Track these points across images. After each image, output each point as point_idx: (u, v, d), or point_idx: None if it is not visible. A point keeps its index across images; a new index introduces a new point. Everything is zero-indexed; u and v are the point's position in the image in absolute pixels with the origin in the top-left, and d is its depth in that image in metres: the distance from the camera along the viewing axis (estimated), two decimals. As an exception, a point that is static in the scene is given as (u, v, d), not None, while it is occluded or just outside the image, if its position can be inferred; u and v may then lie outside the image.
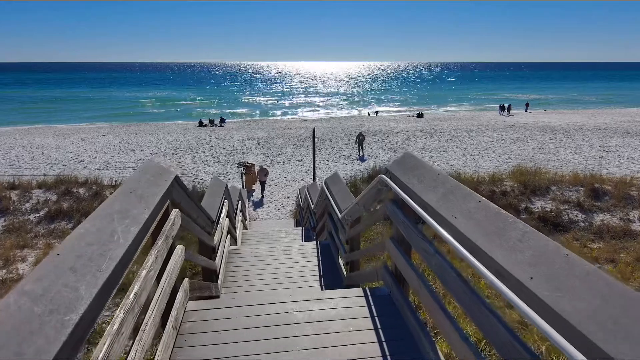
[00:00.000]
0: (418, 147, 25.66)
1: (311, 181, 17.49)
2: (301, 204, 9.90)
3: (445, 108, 59.49)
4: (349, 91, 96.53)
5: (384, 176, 2.66)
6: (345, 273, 4.27)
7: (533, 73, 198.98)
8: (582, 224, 10.06)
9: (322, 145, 26.25)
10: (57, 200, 11.59)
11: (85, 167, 20.74)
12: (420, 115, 44.91)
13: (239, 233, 7.10)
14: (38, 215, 10.83)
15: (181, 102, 68.13)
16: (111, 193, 7.95)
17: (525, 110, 49.82)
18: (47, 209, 11.00)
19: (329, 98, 78.21)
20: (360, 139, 24.03)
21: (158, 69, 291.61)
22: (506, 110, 46.36)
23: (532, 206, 10.91)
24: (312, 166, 18.01)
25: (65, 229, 10.27)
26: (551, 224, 9.96)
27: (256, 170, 17.19)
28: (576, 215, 10.34)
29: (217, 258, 4.08)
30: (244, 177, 16.09)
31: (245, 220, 9.25)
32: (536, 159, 22.26)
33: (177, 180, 2.54)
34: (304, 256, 5.09)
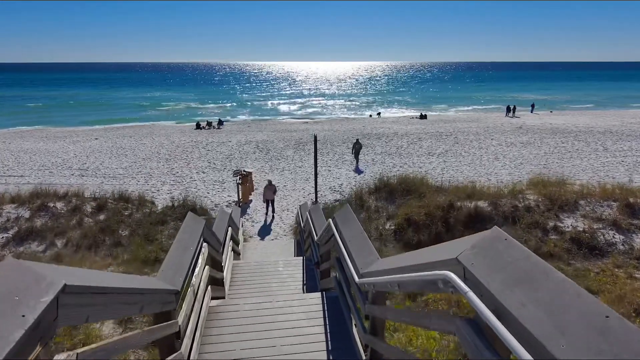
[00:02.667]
0: (424, 152, 24.46)
1: (312, 189, 16.27)
2: (302, 224, 8.71)
3: (449, 109, 58.31)
4: (351, 92, 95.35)
5: (452, 276, 1.47)
6: (363, 358, 3.09)
7: (537, 73, 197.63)
8: (622, 247, 8.88)
9: (324, 150, 25.05)
10: (30, 217, 10.42)
11: (72, 174, 19.56)
12: (423, 116, 43.74)
13: (227, 268, 5.92)
14: (6, 235, 9.65)
15: (180, 103, 66.96)
16: (92, 208, 6.51)
17: (531, 112, 48.66)
18: (17, 228, 9.82)
19: (330, 99, 77.06)
20: (356, 148, 21.42)
21: (159, 69, 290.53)
22: (511, 112, 45.20)
23: (562, 225, 9.71)
24: (313, 172, 16.73)
25: (35, 253, 9.10)
26: (586, 247, 8.77)
27: (252, 181, 15.94)
28: (613, 236, 9.15)
29: (185, 341, 2.89)
30: (239, 188, 14.84)
31: (239, 244, 8.07)
32: (550, 164, 21.08)
33: (66, 290, 1.35)
34: (307, 318, 3.90)
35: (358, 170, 20.41)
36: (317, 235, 5.82)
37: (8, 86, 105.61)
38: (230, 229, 6.71)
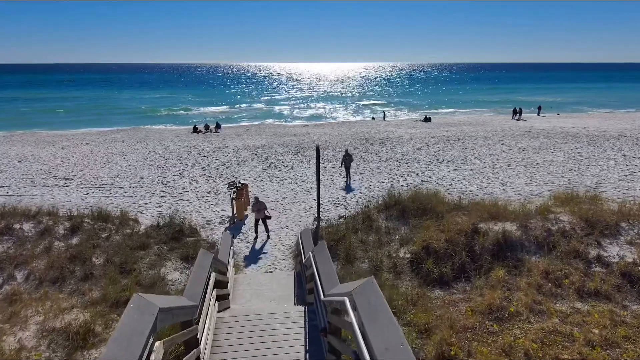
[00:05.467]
0: (432, 158, 23.09)
1: (314, 202, 14.86)
2: (303, 258, 7.35)
3: (453, 111, 57.00)
4: (353, 93, 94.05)
5: None
6: None
7: (541, 74, 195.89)
8: (682, 284, 7.55)
9: (325, 156, 23.71)
10: (-10, 243, 9.07)
11: (56, 184, 18.21)
12: (427, 119, 42.42)
13: (208, 332, 4.57)
14: (-43, 267, 8.31)
15: (178, 105, 65.61)
16: (65, 229, 4.73)
17: (538, 114, 47.40)
18: (-30, 258, 8.47)
19: (331, 101, 75.72)
20: (346, 161, 18.34)
21: (160, 70, 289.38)
22: (518, 114, 43.94)
23: (605, 254, 8.33)
24: (314, 182, 15.27)
25: (-12, 289, 7.73)
26: (640, 284, 7.43)
27: (248, 194, 14.55)
28: (670, 270, 7.81)
29: None
30: (234, 203, 13.45)
31: (227, 284, 6.70)
32: (567, 173, 19.73)
33: None
34: None
35: (349, 188, 17.48)
36: (322, 293, 4.46)
37: (5, 88, 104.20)
38: (213, 275, 5.35)
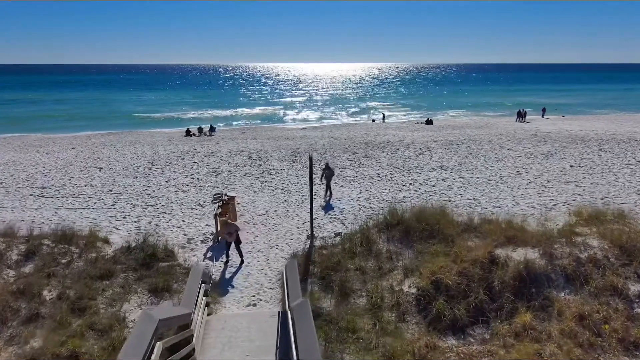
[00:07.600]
0: (435, 164, 21.77)
1: (308, 216, 13.48)
2: (286, 302, 6.03)
3: (455, 113, 55.70)
4: (352, 95, 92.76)
5: None
6: None
7: (544, 75, 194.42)
8: None
9: (323, 161, 22.34)
10: None
11: (32, 194, 16.90)
12: (429, 122, 41.14)
13: None
14: None
15: (174, 107, 64.31)
16: (19, 254, 3.01)
17: (542, 116, 46.15)
18: None
19: (331, 103, 74.43)
20: (327, 174, 16.03)
21: (161, 71, 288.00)
22: (522, 117, 42.65)
23: (649, 290, 7.04)
24: (309, 191, 13.78)
25: None
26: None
27: (235, 208, 13.21)
28: None
29: None
30: (217, 220, 12.08)
31: (193, 337, 5.39)
32: (581, 181, 18.40)
33: None
34: None
35: (329, 206, 15.18)
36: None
37: (2, 90, 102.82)
38: (159, 346, 4.04)
